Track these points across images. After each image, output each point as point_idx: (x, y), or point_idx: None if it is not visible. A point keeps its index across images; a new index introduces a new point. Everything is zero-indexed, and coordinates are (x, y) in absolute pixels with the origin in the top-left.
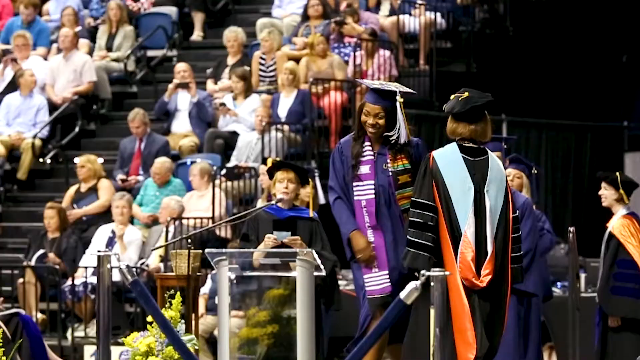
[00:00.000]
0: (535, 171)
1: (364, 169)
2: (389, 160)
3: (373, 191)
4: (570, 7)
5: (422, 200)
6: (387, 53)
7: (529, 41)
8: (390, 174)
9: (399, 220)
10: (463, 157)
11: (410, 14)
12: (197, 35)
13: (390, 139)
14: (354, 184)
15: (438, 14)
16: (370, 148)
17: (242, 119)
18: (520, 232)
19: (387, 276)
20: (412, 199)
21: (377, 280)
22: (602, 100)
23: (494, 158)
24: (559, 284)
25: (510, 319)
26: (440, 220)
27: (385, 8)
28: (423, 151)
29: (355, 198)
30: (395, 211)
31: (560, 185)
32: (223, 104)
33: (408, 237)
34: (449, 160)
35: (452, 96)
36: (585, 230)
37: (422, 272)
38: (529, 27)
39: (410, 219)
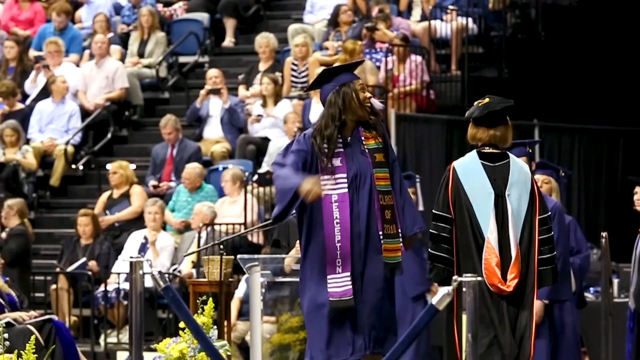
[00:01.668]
0: (563, 174)
1: (335, 162)
2: (364, 140)
3: (346, 185)
4: (602, 12)
5: (438, 212)
6: (419, 58)
7: (561, 46)
8: (368, 152)
9: (375, 203)
10: (482, 163)
11: (441, 20)
12: (228, 41)
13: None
14: (323, 177)
15: (470, 19)
16: (340, 139)
17: (279, 120)
18: (552, 233)
19: (349, 278)
20: (433, 211)
21: (338, 282)
22: (635, 105)
23: (515, 162)
24: (591, 289)
25: (542, 326)
26: (464, 229)
27: (416, 13)
28: (384, 129)
29: (326, 192)
30: (374, 195)
31: (592, 191)
32: (256, 117)
33: (429, 249)
34: (468, 168)
35: (476, 102)
36: (617, 236)
37: (454, 277)
38: (561, 32)
39: (431, 231)
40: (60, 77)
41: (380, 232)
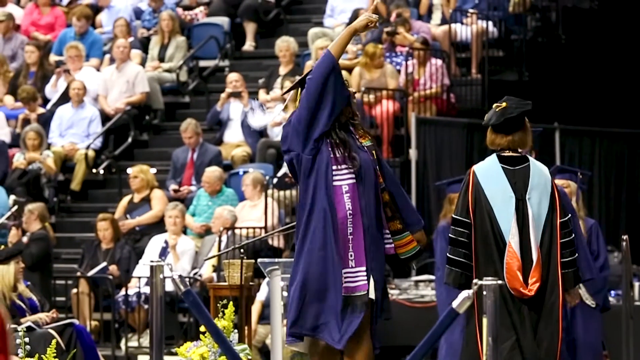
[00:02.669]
0: (581, 175)
1: (339, 152)
2: (358, 137)
3: (354, 175)
4: (623, 15)
5: (457, 217)
6: (439, 62)
7: (581, 49)
8: (366, 149)
9: (380, 200)
10: (503, 167)
11: (462, 23)
12: (249, 45)
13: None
14: (334, 167)
15: (490, 23)
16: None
17: None
18: (572, 236)
19: (364, 273)
20: (452, 215)
21: (352, 276)
22: None
23: (535, 165)
24: (612, 292)
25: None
26: (485, 233)
27: (437, 17)
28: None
29: (335, 183)
30: (379, 190)
31: (613, 193)
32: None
33: (447, 253)
34: (488, 172)
35: (494, 105)
36: (638, 238)
37: (475, 281)
38: (581, 35)
39: (450, 235)
40: (76, 82)
41: (387, 231)
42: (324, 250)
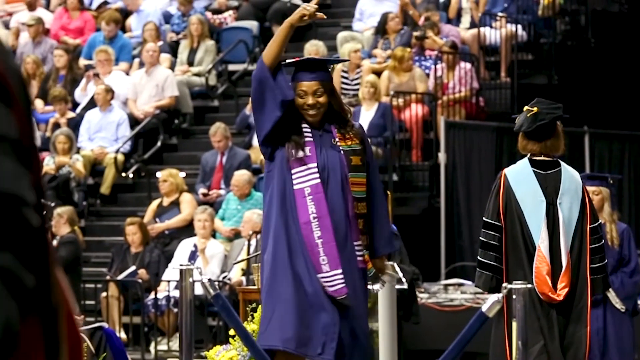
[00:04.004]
0: (612, 181)
1: (304, 152)
2: (337, 139)
3: (318, 175)
4: None
5: (488, 220)
6: (468, 65)
7: (610, 53)
8: (342, 151)
9: (351, 209)
10: (534, 171)
11: (491, 27)
12: None
13: (347, 119)
14: (293, 170)
15: (519, 26)
16: (308, 129)
17: None
18: (602, 242)
19: (341, 275)
20: (483, 218)
21: (329, 281)
22: None
23: (567, 169)
24: None
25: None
26: (515, 237)
27: (466, 21)
28: (364, 133)
29: (296, 187)
30: (349, 196)
31: None
32: None
33: (478, 257)
34: (520, 175)
35: (525, 108)
36: None
37: (504, 285)
38: (611, 39)
39: (480, 238)
40: (102, 86)
41: (358, 243)
42: (289, 261)
